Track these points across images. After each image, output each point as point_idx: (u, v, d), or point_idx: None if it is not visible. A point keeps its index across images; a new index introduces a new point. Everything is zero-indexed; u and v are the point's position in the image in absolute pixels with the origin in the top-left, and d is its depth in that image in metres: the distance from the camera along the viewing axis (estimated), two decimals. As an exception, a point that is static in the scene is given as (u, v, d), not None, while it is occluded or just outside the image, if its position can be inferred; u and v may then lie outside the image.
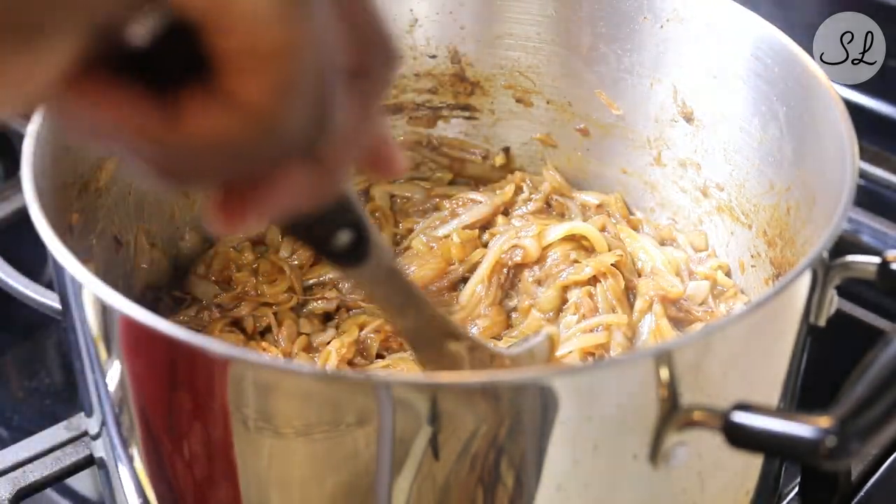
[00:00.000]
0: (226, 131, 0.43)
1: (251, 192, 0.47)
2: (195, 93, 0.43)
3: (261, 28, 0.42)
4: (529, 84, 1.05)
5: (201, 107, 0.43)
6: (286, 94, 0.43)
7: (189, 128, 0.43)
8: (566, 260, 0.97)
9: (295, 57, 0.43)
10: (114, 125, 0.44)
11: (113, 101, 0.43)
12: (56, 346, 1.11)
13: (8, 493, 0.88)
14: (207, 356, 0.59)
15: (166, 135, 0.43)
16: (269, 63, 0.42)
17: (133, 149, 0.44)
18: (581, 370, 0.64)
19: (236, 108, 0.43)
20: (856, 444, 0.57)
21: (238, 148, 0.44)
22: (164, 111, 0.43)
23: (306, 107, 0.44)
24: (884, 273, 0.70)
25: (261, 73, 0.42)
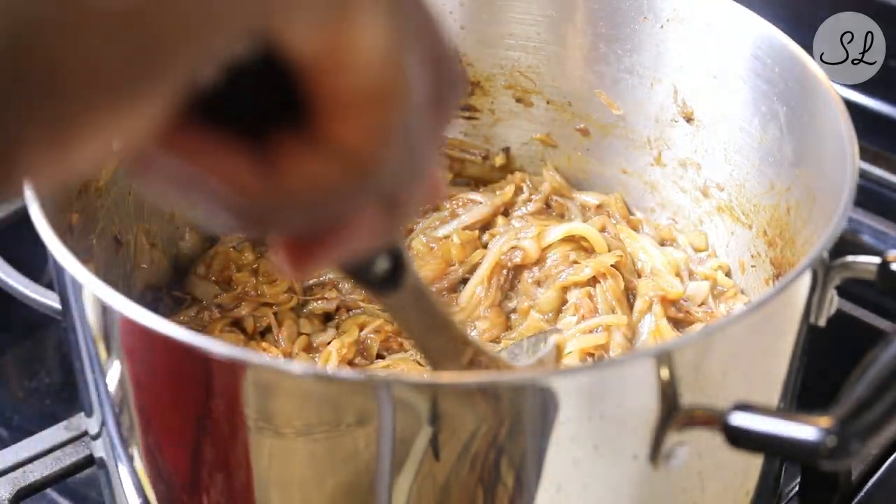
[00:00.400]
0: (323, 178, 0.41)
1: (323, 237, 0.45)
2: (289, 138, 0.41)
3: (370, 69, 0.40)
4: (529, 84, 1.05)
5: (297, 153, 0.41)
6: (389, 139, 0.41)
7: (284, 176, 0.41)
8: (566, 261, 0.97)
9: (401, 99, 0.41)
10: (206, 177, 0.41)
11: (205, 151, 0.41)
12: (56, 346, 1.11)
13: (8, 493, 0.88)
14: (207, 356, 0.59)
15: (260, 184, 0.41)
16: (375, 106, 0.41)
17: (222, 201, 0.42)
18: (581, 370, 0.64)
19: (336, 154, 0.41)
20: (856, 444, 0.57)
21: (332, 195, 0.42)
22: (257, 160, 0.41)
23: (404, 151, 0.43)
24: (884, 273, 0.70)
25: (365, 117, 0.41)
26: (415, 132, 0.43)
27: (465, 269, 0.99)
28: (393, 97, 0.41)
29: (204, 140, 0.41)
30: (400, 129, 0.42)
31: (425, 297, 0.61)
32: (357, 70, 0.40)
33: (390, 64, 0.40)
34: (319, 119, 0.41)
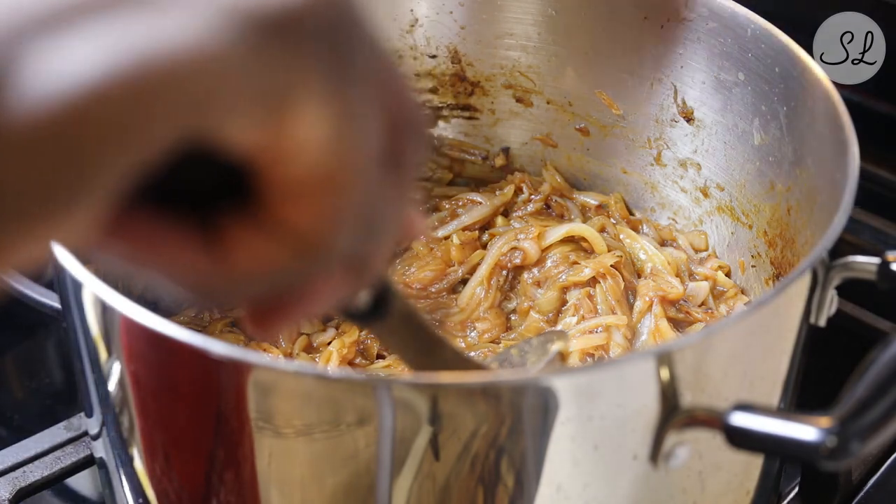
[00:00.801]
0: (273, 258, 0.41)
1: (287, 301, 0.44)
2: (238, 221, 0.40)
3: (315, 157, 0.39)
4: (529, 84, 1.05)
5: (247, 236, 0.40)
6: (339, 218, 0.41)
7: (234, 257, 0.41)
8: (565, 261, 0.97)
9: (349, 180, 0.40)
10: (156, 260, 0.41)
11: (152, 239, 0.41)
12: (56, 346, 1.11)
13: (8, 493, 0.88)
14: (207, 356, 0.59)
15: (210, 267, 0.41)
16: (323, 190, 0.39)
17: (176, 279, 0.42)
18: (581, 370, 0.63)
19: (286, 236, 0.40)
20: (856, 444, 0.57)
21: (284, 271, 0.41)
22: (207, 244, 0.41)
23: (359, 225, 0.42)
24: (884, 273, 0.70)
25: (314, 201, 0.40)
26: (371, 200, 0.42)
27: (464, 270, 0.99)
28: (342, 180, 0.40)
29: (149, 226, 0.40)
30: (354, 205, 0.41)
31: (415, 320, 0.60)
32: (300, 161, 0.38)
33: (336, 149, 0.39)
34: (267, 203, 0.40)
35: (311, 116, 0.38)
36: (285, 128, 0.38)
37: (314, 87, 0.38)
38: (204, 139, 0.37)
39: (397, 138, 0.43)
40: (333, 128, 0.39)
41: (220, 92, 0.36)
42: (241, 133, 0.37)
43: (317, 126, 0.38)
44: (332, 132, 0.39)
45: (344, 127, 0.39)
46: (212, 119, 0.36)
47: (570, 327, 0.93)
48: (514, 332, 0.96)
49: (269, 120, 0.37)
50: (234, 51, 0.36)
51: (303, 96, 0.38)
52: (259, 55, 0.36)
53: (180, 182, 0.40)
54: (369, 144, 0.41)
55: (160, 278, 0.42)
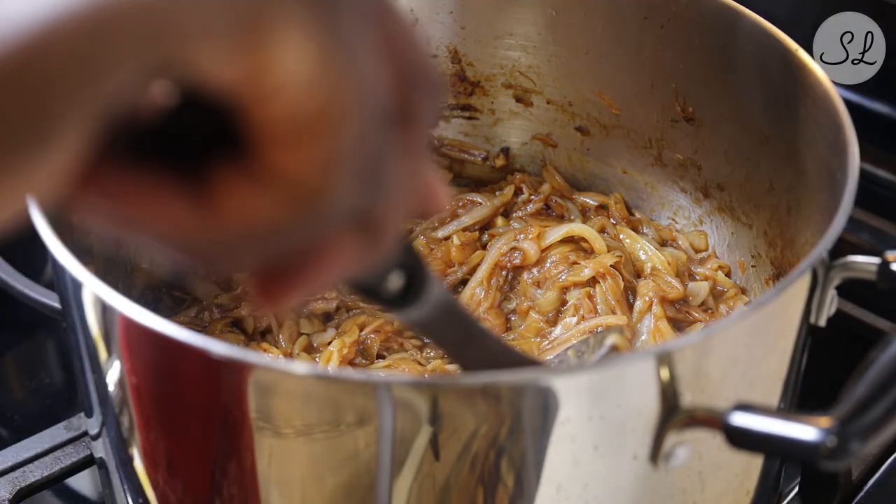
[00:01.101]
0: (268, 212, 0.37)
1: (296, 268, 0.41)
2: (229, 172, 0.37)
3: (302, 92, 0.35)
4: (529, 84, 1.05)
5: (238, 188, 0.37)
6: (336, 164, 0.37)
7: (226, 213, 0.37)
8: (565, 261, 0.97)
9: (343, 119, 0.37)
10: (140, 217, 0.38)
11: (135, 191, 0.37)
12: (56, 346, 1.11)
13: (8, 493, 0.88)
14: (207, 356, 0.59)
15: (200, 222, 0.38)
16: (314, 131, 0.36)
17: (164, 239, 0.38)
18: (581, 370, 0.63)
19: (279, 186, 0.37)
20: (856, 444, 0.57)
21: (282, 228, 0.38)
22: (195, 196, 0.38)
23: (357, 173, 0.38)
24: (884, 273, 0.70)
25: (306, 144, 0.36)
26: (376, 149, 0.39)
27: (464, 271, 0.99)
28: (335, 119, 0.36)
29: (134, 180, 0.37)
30: (351, 151, 0.37)
31: (454, 309, 0.57)
32: (286, 96, 0.35)
33: (324, 83, 0.36)
34: (257, 150, 0.37)
35: (293, 44, 0.35)
36: (264, 59, 0.35)
37: (296, 13, 0.35)
38: (177, 74, 0.34)
39: (404, 89, 0.40)
40: (319, 61, 0.35)
41: (188, 19, 0.33)
42: (218, 66, 0.34)
43: (299, 57, 0.35)
44: (318, 65, 0.35)
45: (332, 61, 0.36)
46: (182, 50, 0.33)
47: (570, 327, 0.93)
48: (514, 332, 0.96)
49: (245, 50, 0.34)
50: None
51: (283, 24, 0.35)
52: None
53: (165, 131, 0.38)
54: (364, 84, 0.37)
55: (149, 239, 0.39)
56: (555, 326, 0.95)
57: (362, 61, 0.37)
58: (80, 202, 0.38)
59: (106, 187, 0.37)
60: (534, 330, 0.94)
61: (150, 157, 0.38)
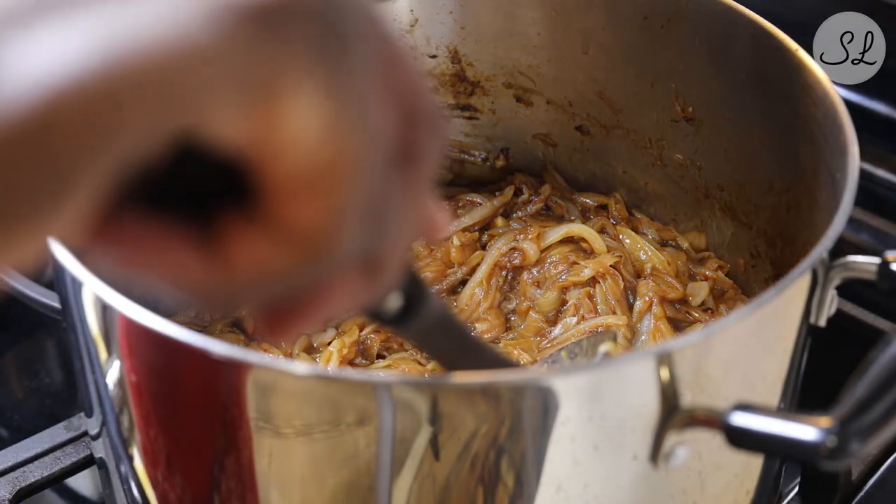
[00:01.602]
0: (278, 260, 0.38)
1: (301, 304, 0.42)
2: (238, 221, 0.38)
3: (313, 147, 0.36)
4: (529, 84, 1.05)
5: (247, 237, 0.38)
6: (345, 213, 0.38)
7: (235, 261, 0.38)
8: (565, 261, 0.97)
9: (352, 170, 0.37)
10: (151, 263, 0.39)
11: (146, 239, 0.39)
12: (56, 346, 1.11)
13: (8, 493, 0.88)
14: (207, 356, 0.59)
15: (210, 270, 0.39)
16: (325, 183, 0.37)
17: (175, 284, 0.39)
18: (581, 370, 0.63)
19: (288, 236, 0.38)
20: (856, 444, 0.57)
21: (290, 274, 0.39)
22: (204, 244, 0.39)
23: (365, 221, 0.39)
24: (884, 273, 0.70)
25: (316, 196, 0.37)
26: (380, 194, 0.39)
27: (464, 271, 0.99)
28: (345, 171, 0.37)
29: (144, 229, 0.39)
30: (358, 201, 0.38)
31: (449, 322, 0.58)
32: (296, 153, 0.36)
33: (333, 139, 0.36)
34: (266, 201, 0.37)
35: (302, 105, 0.36)
36: (275, 118, 0.36)
37: (304, 73, 0.36)
38: (192, 136, 0.35)
39: (409, 128, 0.41)
40: (328, 116, 0.36)
41: (202, 85, 0.34)
42: (230, 127, 0.35)
43: (309, 115, 0.36)
44: (328, 121, 0.36)
45: (341, 115, 0.37)
46: (196, 114, 0.34)
47: (570, 327, 0.93)
48: (514, 332, 0.96)
49: (257, 111, 0.35)
50: (215, 40, 0.34)
51: (292, 84, 0.36)
52: (242, 43, 0.35)
53: (176, 182, 0.39)
54: (372, 133, 0.38)
55: (160, 283, 0.40)
56: (555, 326, 0.95)
57: (370, 110, 0.38)
58: (93, 249, 0.39)
59: (117, 236, 0.38)
60: (533, 330, 0.95)
61: (159, 206, 0.39)
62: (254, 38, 0.35)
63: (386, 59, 0.40)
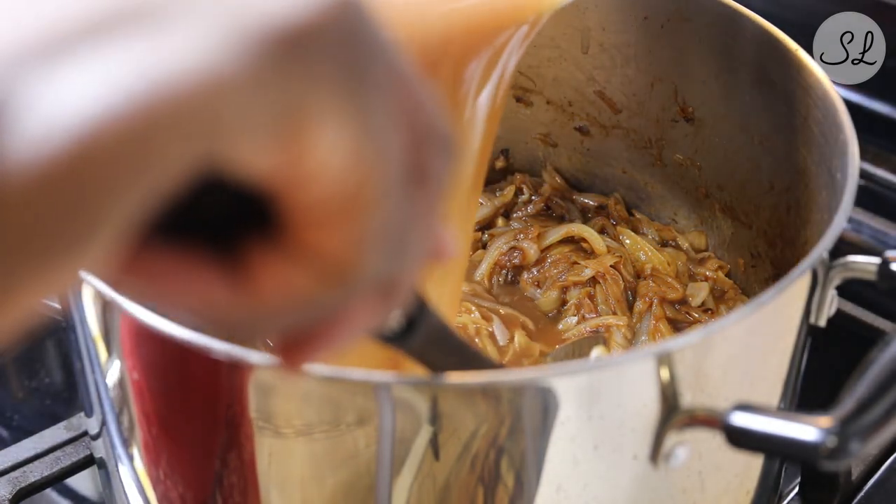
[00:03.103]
0: (303, 287, 0.39)
1: (317, 333, 0.42)
2: (263, 250, 0.39)
3: (337, 177, 0.37)
4: (529, 84, 1.05)
5: (273, 264, 0.38)
6: (369, 240, 0.39)
7: (261, 289, 0.39)
8: (565, 261, 0.97)
9: (375, 199, 0.38)
10: (176, 294, 0.39)
11: (172, 271, 0.39)
12: (56, 346, 1.11)
13: (8, 493, 0.88)
14: (208, 356, 0.59)
15: (235, 299, 0.39)
16: (348, 211, 0.37)
17: (200, 313, 0.40)
18: (581, 370, 0.63)
19: (314, 263, 0.38)
20: (856, 444, 0.57)
21: (313, 302, 0.40)
22: (231, 274, 0.39)
23: (388, 247, 0.40)
24: (884, 273, 0.70)
25: (340, 224, 0.38)
26: (398, 221, 0.40)
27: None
28: (367, 199, 0.38)
29: (169, 260, 0.39)
30: (380, 226, 0.39)
31: (449, 336, 0.58)
32: (322, 182, 0.37)
33: (357, 169, 0.37)
34: (291, 230, 0.38)
35: (327, 136, 0.36)
36: (301, 150, 0.36)
37: (329, 105, 0.36)
38: (218, 167, 0.35)
39: (421, 152, 0.41)
40: (353, 147, 0.37)
41: (229, 117, 0.34)
42: (256, 158, 0.35)
43: (335, 145, 0.36)
44: (352, 151, 0.37)
45: (364, 145, 0.37)
46: (223, 146, 0.34)
47: (570, 327, 0.93)
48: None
49: (283, 143, 0.35)
50: (241, 72, 0.34)
51: (317, 116, 0.36)
52: (268, 75, 0.35)
53: (200, 213, 0.39)
54: (392, 161, 0.39)
55: (184, 313, 0.40)
56: (556, 326, 0.95)
57: (388, 139, 0.38)
58: (120, 282, 0.39)
59: (144, 268, 0.39)
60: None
61: (185, 237, 0.39)
62: (279, 67, 0.35)
63: (398, 82, 0.40)
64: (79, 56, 0.32)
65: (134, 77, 0.32)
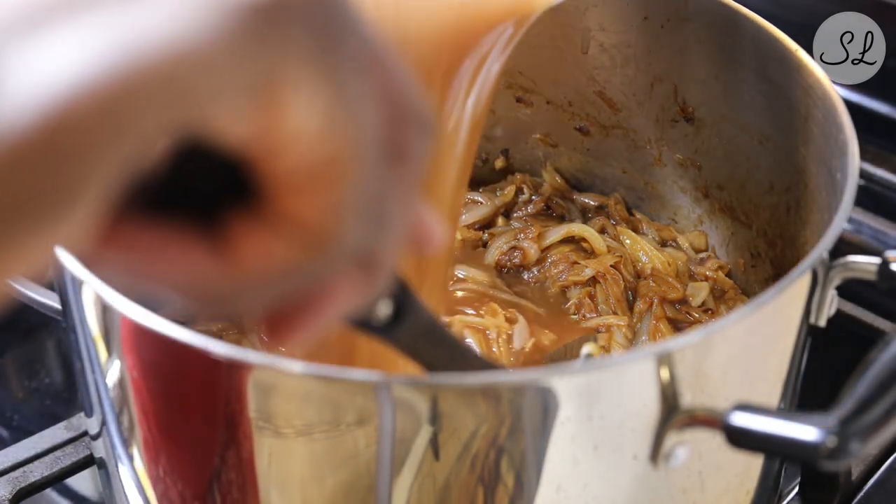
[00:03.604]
0: (284, 255, 0.39)
1: (302, 308, 0.43)
2: (243, 219, 0.39)
3: (312, 143, 0.37)
4: (529, 84, 1.05)
5: (254, 233, 0.39)
6: (345, 206, 0.39)
7: (244, 258, 0.39)
8: (565, 261, 0.98)
9: (350, 164, 0.38)
10: (159, 269, 0.39)
11: (154, 244, 0.39)
12: (56, 346, 1.11)
13: (8, 493, 0.88)
14: (208, 356, 0.59)
15: (220, 270, 0.39)
16: (325, 177, 0.38)
17: (183, 288, 0.40)
18: (581, 370, 0.63)
19: (294, 230, 0.39)
20: (856, 444, 0.57)
21: (296, 271, 0.40)
22: (211, 245, 0.39)
23: (363, 213, 0.40)
24: (884, 273, 0.70)
25: (317, 190, 0.38)
26: (376, 190, 0.41)
27: (465, 270, 0.99)
28: (343, 167, 0.38)
29: (152, 234, 0.39)
30: (358, 195, 0.39)
31: (437, 330, 0.58)
32: (298, 148, 0.37)
33: (333, 133, 0.38)
34: (270, 197, 0.39)
35: (301, 102, 0.37)
36: (277, 115, 0.37)
37: (303, 71, 0.37)
38: (196, 134, 0.36)
39: (399, 130, 0.42)
40: (327, 113, 0.37)
41: (205, 84, 0.35)
42: (233, 124, 0.36)
43: (309, 111, 0.37)
44: (326, 117, 0.37)
45: (338, 111, 0.38)
46: (200, 112, 0.35)
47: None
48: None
49: (259, 108, 0.36)
50: (216, 40, 0.35)
51: (292, 82, 0.37)
52: (243, 43, 0.35)
53: (180, 185, 0.39)
54: (368, 131, 0.39)
55: (166, 289, 0.40)
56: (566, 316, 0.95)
57: (363, 109, 0.39)
58: (101, 257, 0.39)
59: (125, 242, 0.39)
60: (534, 330, 0.94)
61: (164, 210, 0.39)
62: (253, 35, 0.36)
63: (373, 58, 0.40)
64: (57, 28, 0.33)
65: (111, 46, 0.33)
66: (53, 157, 0.33)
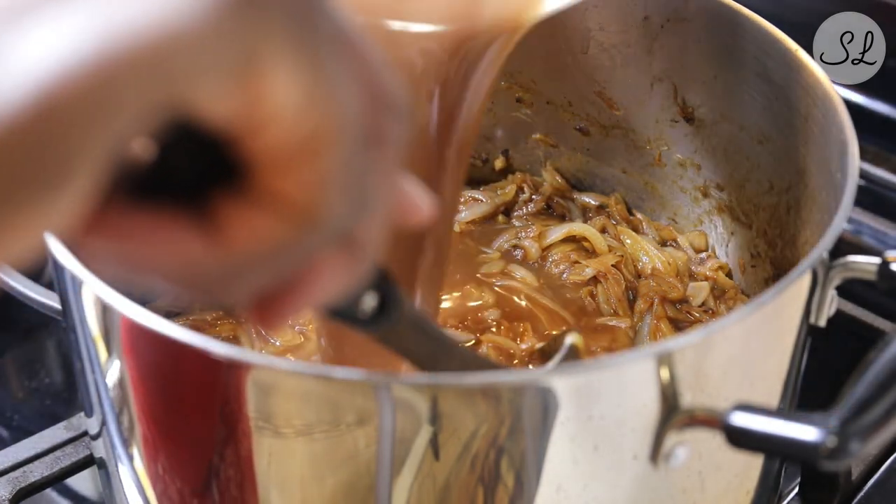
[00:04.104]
0: (270, 233, 0.40)
1: (288, 290, 0.43)
2: (229, 200, 0.40)
3: (293, 120, 0.38)
4: (529, 84, 1.05)
5: (240, 213, 0.40)
6: (327, 183, 0.40)
7: (231, 238, 0.40)
8: (566, 261, 0.98)
9: (330, 142, 0.39)
10: (149, 255, 0.40)
11: (142, 229, 0.40)
12: (56, 346, 1.11)
13: (8, 493, 0.88)
14: (207, 356, 0.59)
15: (208, 251, 0.40)
16: (306, 154, 0.39)
17: (173, 275, 0.41)
18: (581, 370, 0.63)
19: (278, 208, 0.40)
20: (856, 444, 0.57)
21: (282, 250, 0.41)
22: (200, 228, 0.40)
23: (349, 191, 0.41)
24: (884, 273, 0.70)
25: (300, 167, 0.39)
26: (358, 167, 0.41)
27: (465, 269, 0.99)
28: (325, 142, 0.39)
29: (140, 218, 0.40)
30: (340, 171, 0.40)
31: (423, 325, 0.59)
32: (279, 125, 0.38)
33: (313, 110, 0.39)
34: (254, 176, 0.39)
35: (282, 80, 0.38)
36: (258, 93, 0.37)
37: (282, 50, 0.38)
38: (181, 114, 0.37)
39: (378, 116, 0.43)
40: (307, 90, 0.38)
41: (188, 63, 0.35)
42: (216, 102, 0.37)
43: (289, 89, 0.38)
44: (306, 94, 0.38)
45: (317, 89, 0.39)
46: (184, 90, 0.36)
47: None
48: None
49: (240, 86, 0.37)
50: (200, 22, 0.36)
51: (271, 60, 0.37)
52: (224, 23, 0.36)
53: (167, 169, 0.40)
54: (346, 106, 0.40)
55: (155, 276, 0.41)
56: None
57: (342, 90, 0.40)
58: (90, 243, 0.40)
59: (112, 228, 0.39)
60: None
61: (152, 195, 0.40)
62: (234, 15, 0.37)
63: (353, 51, 0.42)
64: (43, 13, 0.34)
65: (97, 29, 0.34)
66: (43, 138, 0.33)
